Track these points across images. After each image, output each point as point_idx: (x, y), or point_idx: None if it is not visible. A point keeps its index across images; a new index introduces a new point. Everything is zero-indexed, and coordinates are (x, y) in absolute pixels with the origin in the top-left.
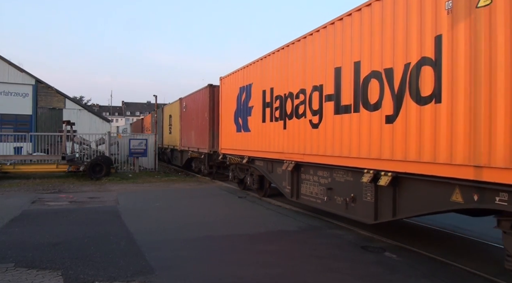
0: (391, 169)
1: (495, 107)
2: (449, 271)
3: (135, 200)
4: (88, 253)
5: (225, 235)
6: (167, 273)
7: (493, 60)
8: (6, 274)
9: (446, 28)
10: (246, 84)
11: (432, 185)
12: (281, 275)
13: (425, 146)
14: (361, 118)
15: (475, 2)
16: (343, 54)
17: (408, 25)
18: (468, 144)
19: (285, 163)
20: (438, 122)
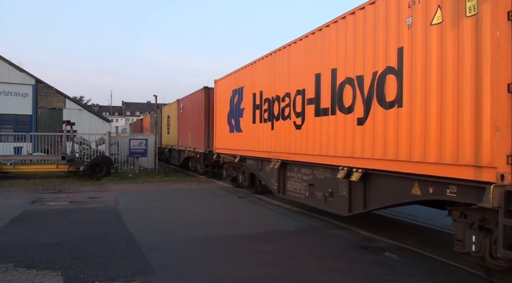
0: (361, 166)
1: (445, 112)
2: (449, 271)
3: (135, 200)
4: (88, 253)
5: (225, 235)
6: (167, 273)
7: (443, 70)
8: (6, 274)
9: (406, 41)
10: (238, 87)
11: (395, 180)
12: (281, 275)
13: (389, 146)
14: (337, 120)
15: (430, 20)
16: (322, 62)
17: (376, 37)
18: (424, 144)
19: (272, 162)
20: (399, 125)
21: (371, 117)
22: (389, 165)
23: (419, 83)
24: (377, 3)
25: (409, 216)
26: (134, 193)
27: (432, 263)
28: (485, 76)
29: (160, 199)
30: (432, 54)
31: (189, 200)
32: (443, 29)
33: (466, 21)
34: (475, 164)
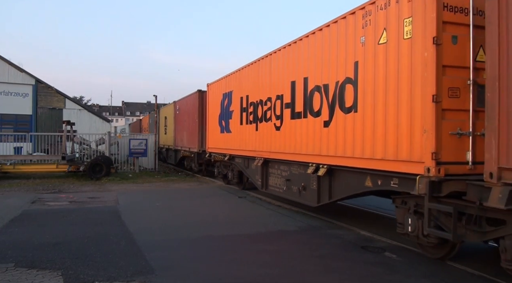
0: (326, 163)
1: (388, 117)
2: (449, 271)
3: (135, 200)
4: (88, 253)
5: (225, 235)
6: (167, 273)
7: (387, 82)
8: (6, 274)
9: (360, 56)
10: (228, 91)
11: (353, 174)
12: (281, 275)
13: (348, 145)
14: (308, 123)
15: (378, 40)
16: (296, 71)
17: (338, 51)
18: (373, 143)
19: (256, 160)
20: (355, 127)
21: (334, 120)
22: (347, 162)
23: (370, 92)
24: (339, 22)
25: None
26: (134, 193)
27: (432, 263)
28: (417, 88)
29: (160, 199)
30: (379, 68)
31: (189, 200)
32: (388, 48)
33: (404, 43)
34: (409, 160)
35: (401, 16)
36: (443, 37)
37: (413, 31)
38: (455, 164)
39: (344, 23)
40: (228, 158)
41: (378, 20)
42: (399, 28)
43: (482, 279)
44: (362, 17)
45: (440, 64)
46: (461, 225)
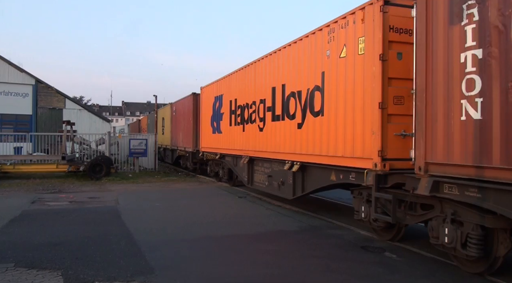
0: (299, 160)
1: (347, 120)
2: (449, 271)
3: (135, 200)
4: (88, 253)
5: (225, 235)
6: (167, 273)
7: (346, 91)
8: (6, 274)
9: (326, 67)
10: (219, 95)
11: (321, 170)
12: (281, 275)
13: (316, 144)
14: (285, 125)
15: (339, 54)
16: (276, 78)
17: (309, 62)
18: (335, 143)
19: (243, 158)
20: (322, 129)
21: (306, 123)
22: (316, 159)
23: (333, 99)
24: (309, 37)
25: None
26: (134, 193)
27: (432, 263)
28: (368, 97)
29: (160, 199)
30: (340, 78)
31: (189, 200)
32: (346, 61)
33: (359, 58)
34: (362, 157)
35: (356, 35)
36: (389, 54)
37: (365, 48)
38: (400, 160)
39: (314, 38)
40: (219, 156)
41: (339, 37)
42: (355, 45)
43: (482, 279)
44: (328, 33)
45: (386, 76)
46: (401, 210)
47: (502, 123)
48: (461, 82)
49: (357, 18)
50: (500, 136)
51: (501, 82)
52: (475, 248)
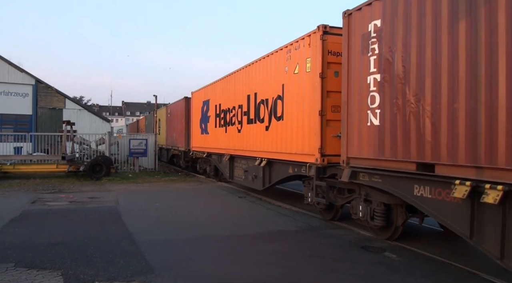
0: (266, 157)
1: (298, 123)
2: (449, 271)
3: (135, 200)
4: (88, 253)
5: (225, 235)
6: (167, 273)
7: (299, 99)
8: (6, 274)
9: (285, 80)
10: (206, 99)
11: (282, 164)
12: (281, 275)
13: (279, 144)
14: (257, 127)
15: (293, 70)
16: (250, 87)
17: (274, 75)
18: (291, 142)
19: (225, 156)
20: (282, 131)
21: (271, 125)
22: (279, 156)
23: (290, 106)
24: (274, 55)
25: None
26: (134, 193)
27: (432, 263)
28: (312, 106)
29: (160, 199)
30: (294, 90)
31: (189, 200)
32: (299, 77)
33: (307, 74)
34: (308, 153)
35: (305, 56)
36: (328, 72)
37: (311, 67)
38: (335, 156)
39: (277, 56)
40: (206, 155)
41: (294, 57)
42: (304, 64)
43: (482, 279)
44: (286, 53)
45: (325, 90)
46: (333, 194)
47: (391, 128)
48: (367, 98)
49: (305, 43)
50: (390, 137)
51: (390, 99)
52: (380, 219)
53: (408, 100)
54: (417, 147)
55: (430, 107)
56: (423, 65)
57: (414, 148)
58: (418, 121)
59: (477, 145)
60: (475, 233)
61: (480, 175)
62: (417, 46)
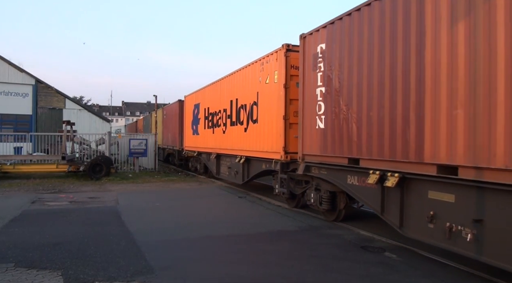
0: (245, 155)
1: (269, 126)
2: (449, 271)
3: (135, 200)
4: (88, 253)
5: (225, 235)
6: (167, 273)
7: (270, 106)
8: (6, 274)
9: (259, 89)
10: (197, 103)
11: (257, 161)
12: (281, 275)
13: (255, 143)
14: (238, 129)
15: (265, 80)
16: (233, 93)
17: (250, 83)
18: (264, 142)
19: (213, 154)
20: (258, 132)
21: (249, 127)
22: (255, 154)
23: (262, 111)
24: (251, 66)
25: None
26: (134, 193)
27: (432, 263)
28: (279, 111)
29: (160, 199)
30: (266, 97)
31: (189, 200)
32: (269, 86)
33: (275, 84)
34: (276, 151)
35: (274, 69)
36: (290, 83)
37: (277, 78)
38: (297, 153)
39: (253, 67)
40: (197, 154)
41: (266, 69)
42: (273, 75)
43: (482, 279)
44: (260, 65)
45: (288, 98)
46: (293, 185)
47: (331, 130)
48: (316, 106)
49: (274, 58)
50: (330, 137)
51: (331, 107)
52: (326, 204)
53: (341, 108)
54: (348, 145)
55: (355, 114)
56: (352, 81)
57: (345, 146)
58: (348, 125)
59: (383, 144)
60: (384, 209)
61: (386, 166)
62: (348, 67)
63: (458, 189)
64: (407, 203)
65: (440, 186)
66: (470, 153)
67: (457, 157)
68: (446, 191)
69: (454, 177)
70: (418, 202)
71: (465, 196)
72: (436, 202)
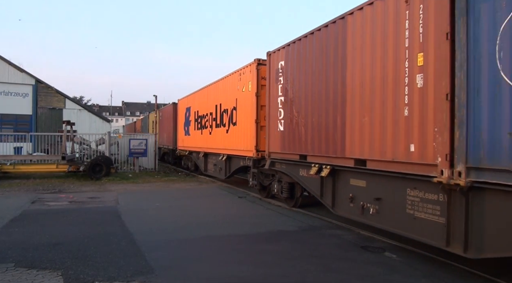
0: (227, 153)
1: (245, 128)
2: (449, 271)
3: (135, 200)
4: (88, 253)
5: (225, 235)
6: (167, 273)
7: (247, 110)
8: (6, 274)
9: (238, 96)
10: (188, 106)
11: (237, 158)
12: (281, 275)
13: (234, 143)
14: (221, 130)
15: (242, 88)
16: (217, 98)
17: (230, 91)
18: (242, 141)
19: (201, 153)
20: (236, 133)
21: (230, 129)
22: (234, 152)
23: (240, 115)
24: (231, 76)
25: None
26: (134, 193)
27: (432, 263)
28: (252, 115)
29: (160, 199)
30: (243, 103)
31: (189, 200)
32: (245, 94)
33: (249, 92)
34: (249, 149)
35: (248, 79)
36: (261, 92)
37: (251, 88)
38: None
39: (233, 77)
40: (188, 153)
41: (242, 79)
42: (248, 85)
43: (482, 279)
44: (238, 75)
45: (259, 105)
46: (263, 178)
47: (288, 132)
48: (278, 112)
49: (248, 70)
50: (287, 138)
51: (287, 113)
52: (286, 193)
53: (294, 115)
54: (298, 144)
55: (303, 120)
56: (301, 93)
57: (297, 145)
58: (299, 128)
59: (321, 143)
60: (322, 194)
61: (323, 161)
62: (298, 81)
63: (367, 177)
64: (337, 189)
65: (357, 175)
66: (372, 150)
67: (365, 153)
68: (360, 178)
69: (364, 168)
70: (343, 187)
71: (371, 182)
72: (355, 187)
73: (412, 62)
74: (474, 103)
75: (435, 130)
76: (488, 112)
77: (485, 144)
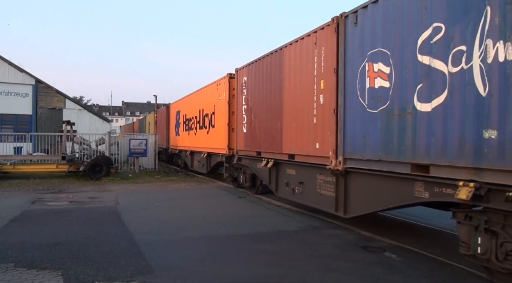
0: (207, 151)
1: (219, 130)
2: (449, 271)
3: (135, 200)
4: (88, 253)
5: (225, 235)
6: (167, 273)
7: (220, 115)
8: (6, 274)
9: (216, 103)
10: (179, 110)
11: (215, 155)
12: (281, 275)
13: (213, 142)
14: (203, 132)
15: (218, 97)
16: (200, 104)
17: (210, 98)
18: (220, 141)
19: (188, 151)
20: (215, 134)
21: (210, 131)
22: (213, 150)
23: (217, 119)
24: (212, 85)
25: (409, 216)
26: (134, 193)
27: (432, 263)
28: (225, 119)
29: (160, 199)
30: (219, 109)
31: (189, 200)
32: (221, 101)
33: (223, 100)
34: (224, 147)
35: (223, 89)
36: (232, 100)
37: (225, 97)
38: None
39: (213, 86)
40: (178, 151)
41: (219, 88)
42: (223, 94)
43: (482, 279)
44: (216, 85)
45: (231, 111)
46: (233, 171)
47: (249, 133)
48: (242, 117)
49: (223, 81)
50: (249, 138)
51: (249, 119)
52: (249, 182)
53: (253, 120)
54: (256, 143)
55: (259, 124)
56: (256, 103)
57: (255, 144)
58: (256, 130)
59: (269, 142)
60: (270, 181)
61: (270, 156)
62: (256, 94)
63: (296, 167)
64: (278, 176)
65: (290, 166)
66: (297, 147)
67: (293, 149)
68: (292, 168)
69: (293, 160)
70: (282, 175)
71: (298, 170)
72: (289, 175)
73: (318, 85)
74: (345, 117)
75: (328, 134)
76: (352, 123)
77: (351, 143)
